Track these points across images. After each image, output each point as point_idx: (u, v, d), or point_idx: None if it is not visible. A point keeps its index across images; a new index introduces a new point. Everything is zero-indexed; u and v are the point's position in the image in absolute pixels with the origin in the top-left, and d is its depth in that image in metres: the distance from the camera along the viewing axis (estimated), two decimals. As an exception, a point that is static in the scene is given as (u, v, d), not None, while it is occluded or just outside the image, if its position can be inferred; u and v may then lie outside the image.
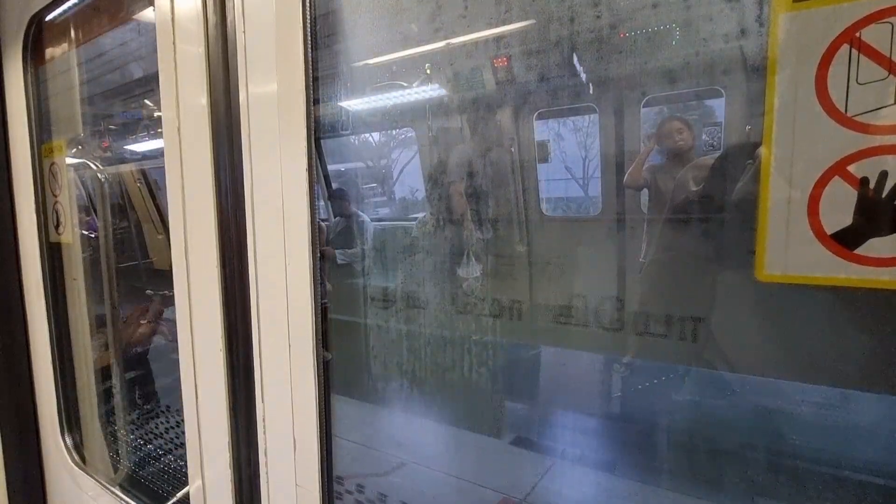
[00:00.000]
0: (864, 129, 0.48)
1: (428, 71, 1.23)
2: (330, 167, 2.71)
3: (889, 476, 0.86)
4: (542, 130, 1.64)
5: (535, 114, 1.51)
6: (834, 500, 0.86)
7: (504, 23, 1.06)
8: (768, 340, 0.87)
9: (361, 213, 2.33)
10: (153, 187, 2.95)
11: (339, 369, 1.08)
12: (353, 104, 1.32)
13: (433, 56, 1.21)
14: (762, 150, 0.54)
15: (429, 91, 1.30)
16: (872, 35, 0.47)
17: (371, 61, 1.26)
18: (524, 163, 1.53)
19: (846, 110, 0.49)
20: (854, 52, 0.48)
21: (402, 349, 1.43)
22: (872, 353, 0.67)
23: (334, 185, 2.72)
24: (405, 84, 1.28)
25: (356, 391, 1.38)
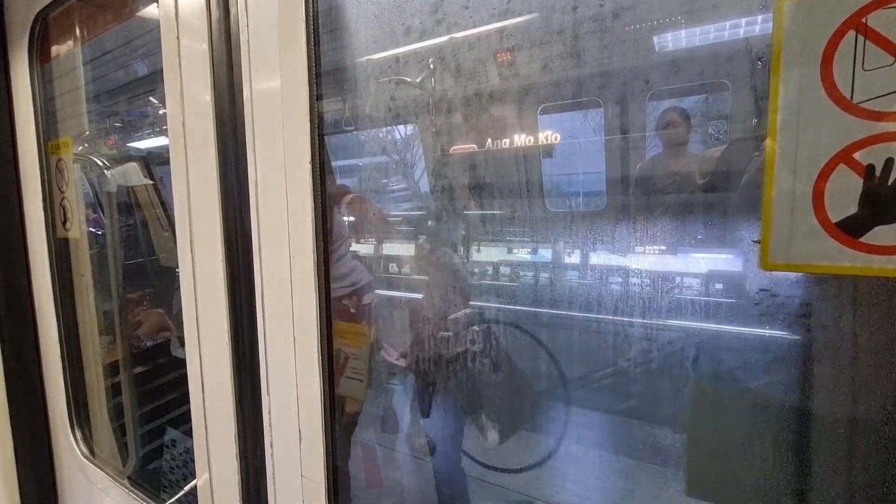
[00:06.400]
0: (870, 116, 0.48)
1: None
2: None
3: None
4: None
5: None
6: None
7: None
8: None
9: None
10: (159, 185, 2.96)
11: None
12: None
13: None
14: (767, 139, 0.53)
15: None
16: (879, 21, 0.46)
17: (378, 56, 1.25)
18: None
19: (852, 97, 0.48)
20: (860, 38, 0.47)
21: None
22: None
23: (340, 182, 2.71)
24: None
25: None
